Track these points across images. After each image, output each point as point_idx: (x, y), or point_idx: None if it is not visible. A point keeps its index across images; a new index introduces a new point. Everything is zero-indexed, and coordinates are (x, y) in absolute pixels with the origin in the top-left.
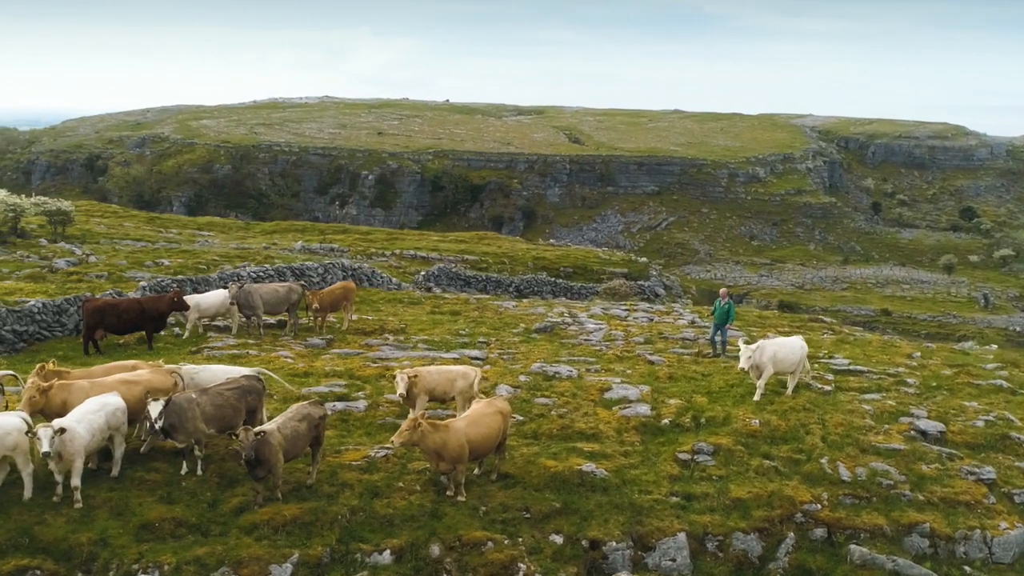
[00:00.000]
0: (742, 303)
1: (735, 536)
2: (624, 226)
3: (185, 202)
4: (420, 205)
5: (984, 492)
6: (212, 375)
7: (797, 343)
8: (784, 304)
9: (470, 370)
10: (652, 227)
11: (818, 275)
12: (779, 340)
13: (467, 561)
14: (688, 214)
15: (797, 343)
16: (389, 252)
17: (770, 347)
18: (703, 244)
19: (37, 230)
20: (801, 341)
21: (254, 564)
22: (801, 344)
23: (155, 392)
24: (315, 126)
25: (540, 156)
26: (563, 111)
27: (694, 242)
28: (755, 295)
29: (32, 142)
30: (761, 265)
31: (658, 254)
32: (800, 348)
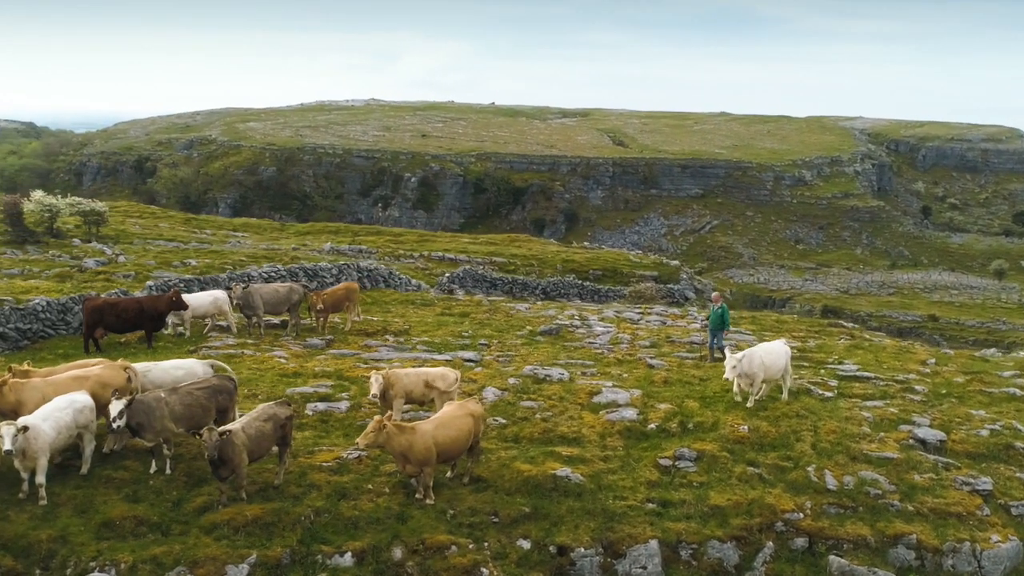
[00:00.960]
0: (785, 307)
1: (710, 544)
2: (667, 229)
3: (231, 203)
4: (462, 207)
5: (978, 503)
6: (163, 371)
7: (780, 347)
8: (828, 309)
9: (449, 372)
10: (695, 230)
11: (864, 280)
12: (764, 346)
13: (430, 565)
14: (732, 217)
15: (780, 347)
16: (417, 254)
17: (758, 354)
18: (747, 248)
19: (73, 230)
20: (784, 345)
21: (210, 564)
22: (784, 348)
23: (106, 387)
24: (360, 129)
25: (583, 159)
26: (608, 113)
27: (738, 246)
28: (799, 299)
29: (85, 144)
30: (806, 269)
31: (701, 257)
32: (783, 352)
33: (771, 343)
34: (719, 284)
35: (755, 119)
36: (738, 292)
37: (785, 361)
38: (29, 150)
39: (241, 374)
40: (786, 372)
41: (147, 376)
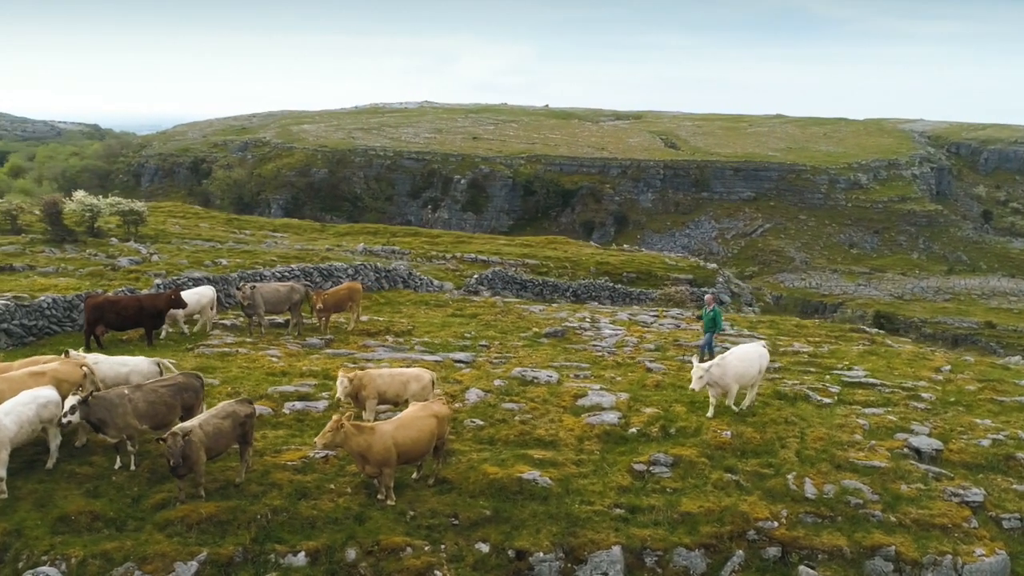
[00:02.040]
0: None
1: (677, 552)
2: (718, 232)
3: (283, 204)
4: (511, 209)
5: (966, 515)
6: (109, 366)
7: (754, 352)
8: (880, 315)
9: (424, 373)
10: (747, 234)
11: (919, 285)
12: (737, 353)
13: (383, 566)
14: (785, 221)
15: (754, 352)
16: (450, 255)
17: (732, 363)
18: (799, 252)
19: (114, 229)
20: (760, 348)
21: (159, 561)
22: (759, 352)
23: (63, 383)
24: (411, 131)
25: (634, 161)
26: (661, 116)
27: (790, 249)
28: (850, 305)
29: (144, 146)
30: (859, 274)
31: (752, 261)
32: (758, 356)
33: (745, 346)
34: (770, 288)
35: (811, 121)
36: (788, 297)
37: (759, 367)
38: (91, 152)
39: (230, 372)
40: (757, 379)
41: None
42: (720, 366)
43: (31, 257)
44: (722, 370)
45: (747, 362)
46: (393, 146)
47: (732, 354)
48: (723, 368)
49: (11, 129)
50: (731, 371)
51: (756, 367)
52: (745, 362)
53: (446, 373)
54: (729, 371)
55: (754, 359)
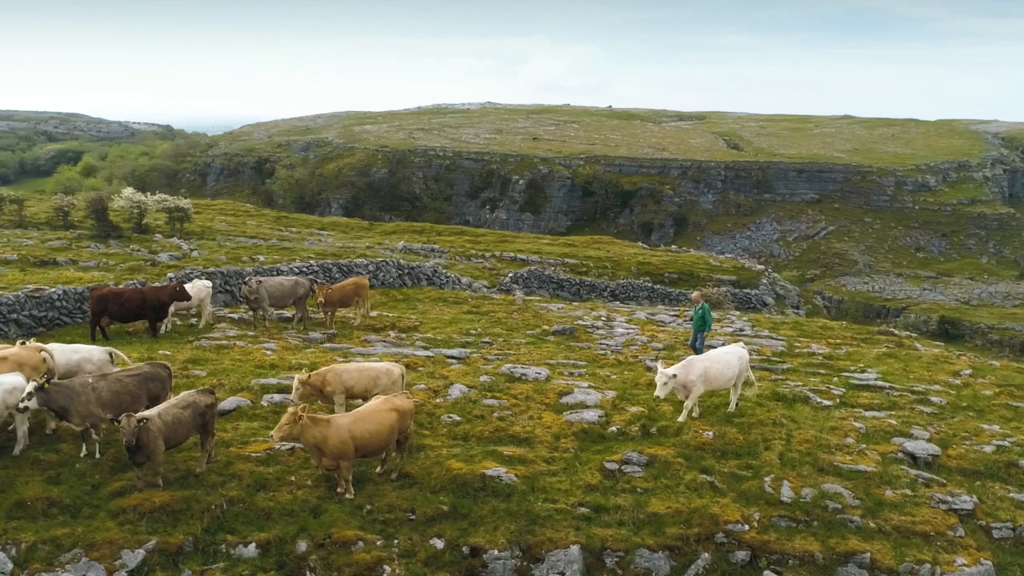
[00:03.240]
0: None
1: (639, 553)
2: (780, 235)
3: (343, 204)
4: (570, 210)
5: (952, 523)
6: (61, 353)
7: (731, 355)
8: (945, 320)
9: (394, 367)
10: (809, 236)
11: (988, 290)
12: (711, 355)
13: (333, 560)
14: (849, 223)
15: (731, 355)
16: (490, 254)
17: (699, 365)
18: (863, 255)
19: (162, 226)
20: (738, 350)
21: (106, 548)
22: (736, 355)
23: (23, 368)
24: (472, 131)
25: (694, 162)
26: (725, 117)
27: (853, 252)
28: (914, 309)
29: (211, 146)
30: (925, 278)
31: (814, 264)
32: (735, 359)
33: (722, 349)
34: (831, 292)
35: (879, 122)
36: (850, 301)
37: (736, 370)
38: (160, 151)
39: (222, 364)
40: (739, 380)
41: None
42: (685, 368)
43: (75, 252)
44: (686, 371)
45: (720, 364)
46: (453, 146)
47: (704, 356)
48: (688, 371)
49: (87, 130)
50: (696, 373)
51: (732, 370)
52: (719, 364)
53: (433, 368)
54: (694, 372)
55: (731, 361)
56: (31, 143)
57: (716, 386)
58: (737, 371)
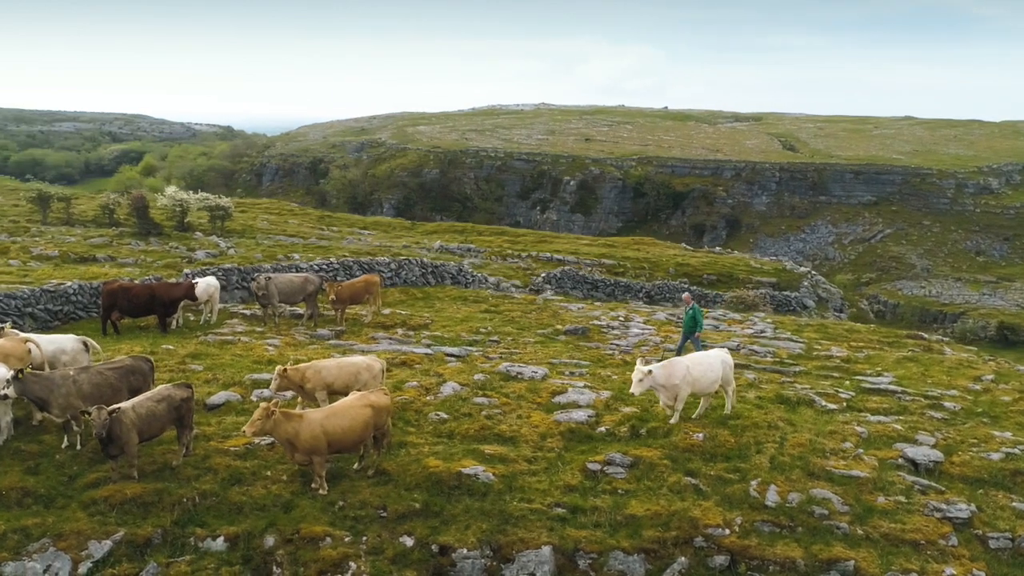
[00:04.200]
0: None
1: (613, 555)
2: (835, 237)
3: (395, 204)
4: (621, 211)
5: (945, 532)
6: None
7: (714, 359)
8: (1004, 326)
9: (375, 362)
10: (866, 239)
11: None
12: (693, 357)
13: (300, 555)
14: (907, 226)
15: (714, 359)
16: (526, 254)
17: (680, 366)
18: (921, 259)
19: (204, 224)
20: (722, 355)
21: (73, 538)
22: (720, 359)
23: (8, 358)
24: (524, 132)
25: (748, 163)
26: (783, 118)
27: (911, 256)
28: (972, 315)
29: (267, 146)
30: (985, 283)
31: (870, 268)
32: (719, 364)
33: (703, 353)
34: (887, 296)
35: (941, 123)
36: (906, 305)
37: (718, 373)
38: (218, 152)
39: (222, 359)
40: (727, 384)
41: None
42: (666, 368)
43: (115, 249)
44: (667, 373)
45: (703, 367)
46: (504, 147)
47: (687, 357)
48: (669, 371)
49: (150, 130)
50: (678, 374)
51: (714, 373)
52: (701, 366)
53: (430, 366)
54: (676, 374)
55: (713, 365)
56: (96, 143)
57: (697, 389)
58: (720, 375)
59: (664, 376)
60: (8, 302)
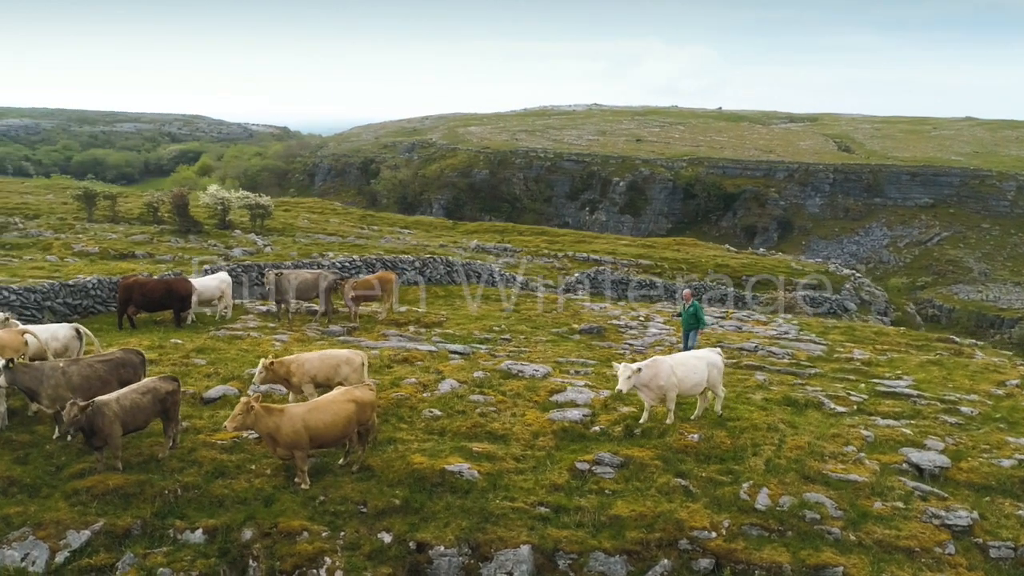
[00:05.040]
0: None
1: (594, 556)
2: (890, 240)
3: (444, 204)
4: (670, 212)
5: (942, 539)
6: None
7: (700, 360)
8: None
9: (355, 356)
10: (922, 242)
11: None
12: (679, 357)
13: (277, 549)
14: (965, 229)
15: (700, 360)
16: (563, 254)
17: (667, 366)
18: (979, 262)
19: (245, 222)
20: (711, 355)
21: (53, 527)
22: (707, 360)
23: (4, 349)
24: (575, 133)
25: (801, 164)
26: (839, 118)
27: (968, 260)
28: None
29: (320, 147)
30: None
31: (925, 271)
32: (705, 364)
33: (690, 353)
34: (942, 300)
35: (1003, 124)
36: (961, 310)
37: (703, 375)
38: (272, 152)
39: (228, 354)
40: (714, 386)
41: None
42: (652, 368)
43: (154, 246)
44: (653, 372)
45: (688, 367)
46: (554, 148)
47: (671, 357)
48: (655, 371)
49: (208, 131)
50: (665, 374)
51: (700, 374)
52: (686, 367)
53: (431, 363)
54: (663, 374)
55: (698, 365)
56: (155, 144)
57: (682, 390)
58: (704, 376)
59: (649, 376)
60: (28, 296)
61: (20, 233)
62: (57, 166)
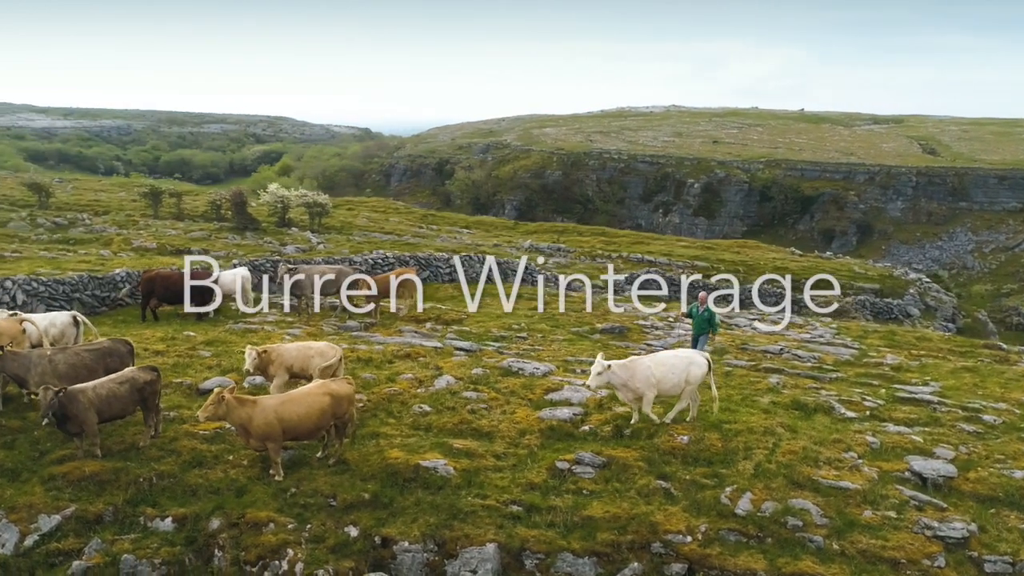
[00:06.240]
0: None
1: (562, 556)
2: (975, 245)
3: (516, 205)
4: (746, 215)
5: (932, 551)
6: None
7: (681, 361)
8: None
9: (329, 348)
10: (1009, 248)
11: None
12: (658, 357)
13: (243, 539)
14: None
15: (681, 361)
16: (616, 255)
17: (643, 365)
18: None
19: (305, 221)
20: (694, 357)
21: (25, 511)
22: (688, 360)
23: (2, 337)
24: (651, 134)
25: (883, 167)
26: (925, 120)
27: None
28: None
29: (397, 148)
30: None
31: (1011, 278)
32: (685, 365)
33: (669, 353)
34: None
35: None
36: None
37: (682, 376)
38: (350, 153)
39: (236, 347)
40: (686, 390)
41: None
42: (627, 367)
43: (210, 242)
44: (630, 372)
45: (667, 367)
46: (628, 149)
47: (650, 356)
48: (631, 370)
49: (291, 132)
50: (641, 374)
51: (679, 375)
52: (664, 367)
53: (432, 359)
54: (639, 374)
55: (678, 366)
56: (240, 144)
57: (660, 391)
58: (684, 378)
59: (625, 375)
60: (57, 287)
61: (86, 229)
62: (146, 166)
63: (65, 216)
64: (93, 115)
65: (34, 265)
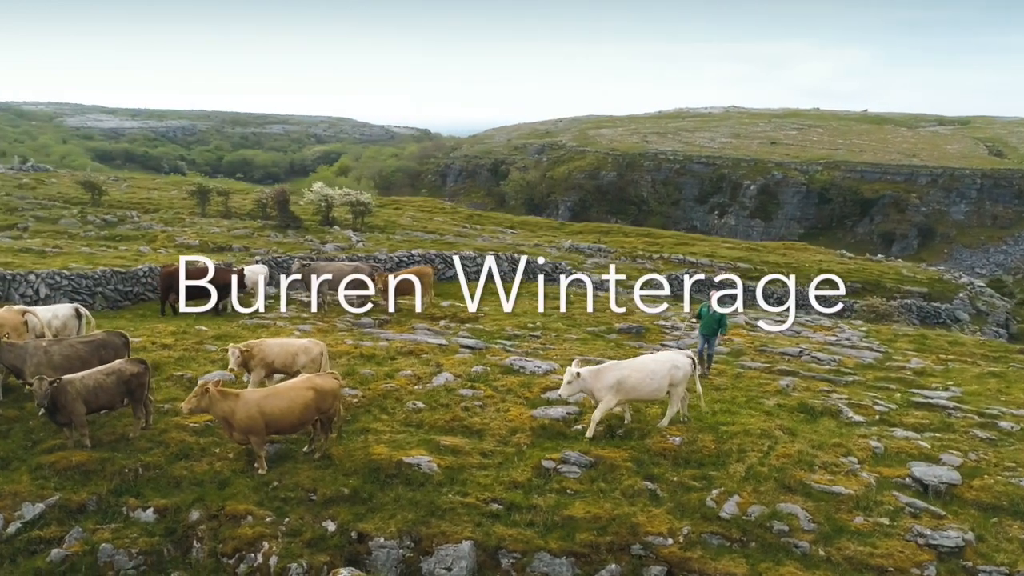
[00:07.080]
0: None
1: (539, 556)
2: None
3: (570, 206)
4: (803, 218)
5: (922, 560)
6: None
7: (661, 366)
8: None
9: (312, 345)
10: None
11: None
12: (635, 362)
13: (220, 531)
14: None
15: (661, 366)
16: (658, 256)
17: (611, 371)
18: None
19: (349, 219)
20: (676, 360)
21: (9, 499)
22: (669, 364)
23: (2, 328)
24: (707, 135)
25: (946, 169)
26: (992, 121)
27: None
28: None
29: (454, 148)
30: None
31: None
32: (666, 368)
33: (649, 356)
34: None
35: None
36: None
37: (663, 380)
38: (407, 153)
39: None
40: (674, 387)
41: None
42: (597, 373)
43: (252, 240)
44: (596, 376)
45: (645, 372)
46: (684, 150)
47: (627, 361)
48: (598, 375)
49: (351, 132)
50: (608, 380)
51: (660, 380)
52: (642, 372)
53: (434, 356)
54: (606, 380)
55: (658, 371)
56: (301, 145)
57: (636, 396)
58: (666, 381)
59: (591, 381)
60: (80, 281)
61: (133, 226)
62: (209, 165)
63: (115, 214)
64: (159, 116)
65: (69, 260)
